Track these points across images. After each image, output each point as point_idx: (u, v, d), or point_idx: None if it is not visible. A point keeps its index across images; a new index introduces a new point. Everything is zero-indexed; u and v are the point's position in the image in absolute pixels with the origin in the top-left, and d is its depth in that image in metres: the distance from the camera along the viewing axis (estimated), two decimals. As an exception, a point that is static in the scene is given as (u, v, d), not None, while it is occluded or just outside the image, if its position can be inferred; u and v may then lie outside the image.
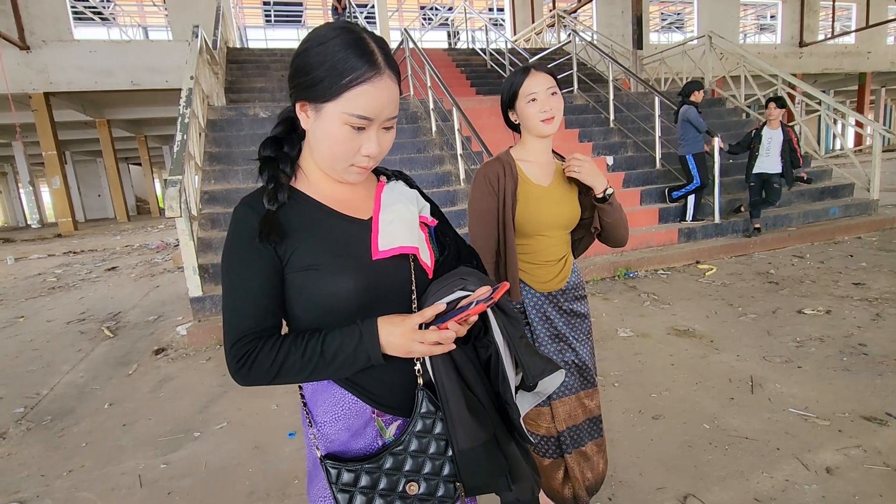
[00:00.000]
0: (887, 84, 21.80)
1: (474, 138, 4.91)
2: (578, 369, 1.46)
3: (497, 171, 1.37)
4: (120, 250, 8.73)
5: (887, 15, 16.50)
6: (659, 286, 4.25)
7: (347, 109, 0.69)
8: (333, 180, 0.81)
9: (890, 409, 2.14)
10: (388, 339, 0.73)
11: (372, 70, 0.69)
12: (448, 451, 0.78)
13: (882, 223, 5.77)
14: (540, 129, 1.34)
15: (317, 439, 0.80)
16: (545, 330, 1.43)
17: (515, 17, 14.32)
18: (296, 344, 0.73)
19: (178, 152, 3.85)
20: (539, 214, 1.37)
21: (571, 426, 1.46)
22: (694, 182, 5.39)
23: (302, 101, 0.73)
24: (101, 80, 10.13)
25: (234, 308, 0.74)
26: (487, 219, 1.37)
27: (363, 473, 0.75)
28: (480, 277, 0.81)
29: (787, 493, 1.68)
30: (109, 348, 3.66)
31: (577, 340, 1.46)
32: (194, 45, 5.25)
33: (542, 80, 1.32)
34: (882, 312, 3.24)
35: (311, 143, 0.77)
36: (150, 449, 2.27)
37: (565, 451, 1.46)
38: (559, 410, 1.44)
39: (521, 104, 1.34)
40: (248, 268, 0.74)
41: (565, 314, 1.45)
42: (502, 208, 1.36)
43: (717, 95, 8.17)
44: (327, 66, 0.69)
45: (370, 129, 0.72)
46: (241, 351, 0.73)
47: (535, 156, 1.41)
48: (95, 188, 21.59)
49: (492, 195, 1.36)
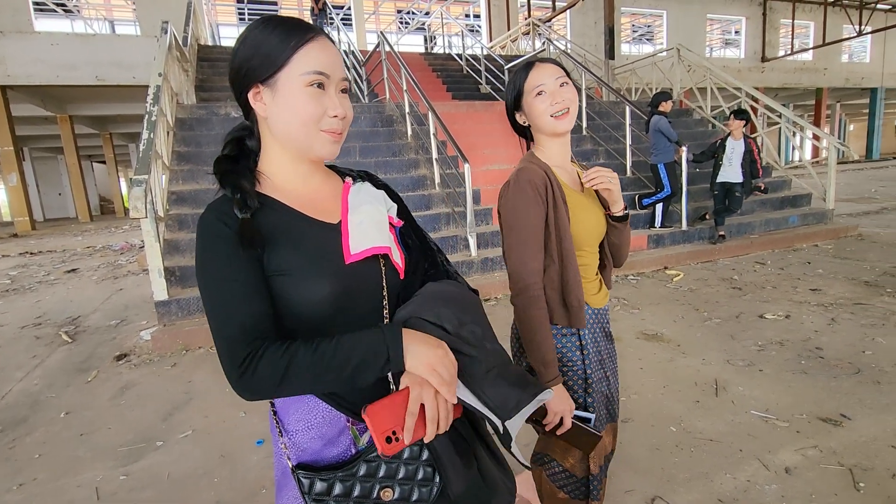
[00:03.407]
0: (842, 99, 23.01)
1: (450, 143, 4.92)
2: (607, 400, 1.26)
3: (541, 175, 1.15)
4: (81, 251, 8.38)
5: (842, 34, 17.41)
6: (629, 291, 4.34)
7: (303, 69, 0.71)
8: (299, 182, 0.79)
9: (844, 410, 2.23)
10: (418, 345, 0.71)
11: (309, 31, 0.72)
12: (423, 454, 0.77)
13: (837, 232, 6.06)
14: (553, 127, 1.16)
15: (288, 448, 0.78)
16: (596, 355, 1.24)
17: (491, 24, 14.48)
18: (305, 344, 0.68)
19: (145, 151, 3.73)
20: (587, 224, 1.21)
21: (602, 466, 1.26)
22: (665, 190, 5.54)
23: (254, 86, 0.74)
24: (63, 74, 9.74)
25: (225, 315, 0.69)
26: (536, 234, 1.14)
27: (337, 482, 0.74)
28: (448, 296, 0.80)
29: (748, 493, 1.74)
30: (67, 354, 3.50)
31: (610, 371, 1.28)
32: (163, 41, 5.11)
33: (549, 70, 1.15)
34: (837, 317, 3.40)
35: (276, 128, 0.75)
36: (108, 460, 2.17)
37: (593, 497, 1.24)
38: (598, 448, 1.23)
39: (528, 100, 1.16)
40: (232, 271, 0.70)
41: (606, 338, 1.28)
42: (554, 219, 1.15)
43: (685, 106, 8.44)
44: (270, 42, 0.71)
45: (329, 88, 0.73)
46: (242, 354, 0.67)
47: (558, 160, 1.23)
48: (56, 186, 20.72)
49: (540, 205, 1.14)
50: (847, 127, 28.84)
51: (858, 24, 15.21)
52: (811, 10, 18.05)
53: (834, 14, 17.32)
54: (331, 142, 0.75)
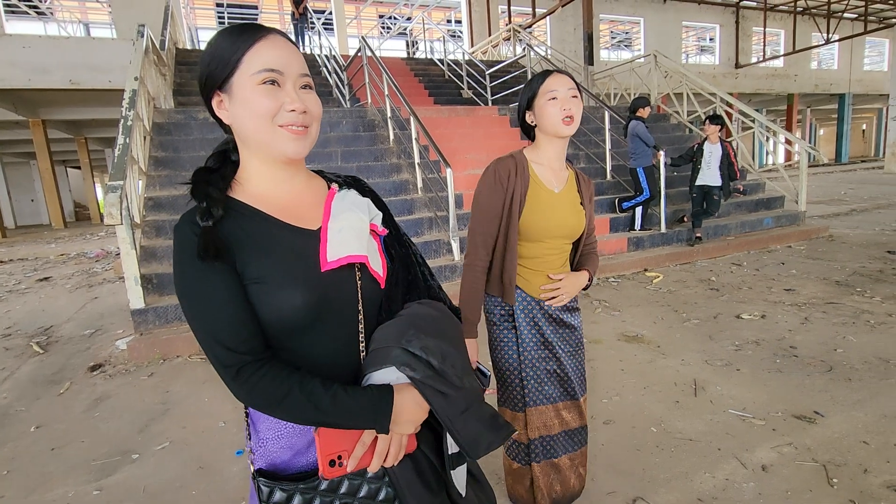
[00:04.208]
0: (812, 104, 23.74)
1: (432, 148, 4.93)
2: (559, 380, 1.44)
3: (509, 167, 1.32)
4: (54, 259, 8.15)
5: (811, 42, 18.01)
6: (610, 293, 4.40)
7: (252, 69, 0.71)
8: (276, 188, 0.78)
9: (818, 407, 2.29)
10: (409, 415, 0.74)
11: (259, 32, 0.72)
12: (385, 476, 0.77)
13: (809, 233, 6.23)
14: (559, 129, 1.31)
15: (254, 453, 0.78)
16: (532, 336, 1.41)
17: (473, 30, 14.57)
18: (303, 387, 0.70)
19: (120, 156, 3.65)
20: (546, 220, 1.34)
21: (545, 436, 1.43)
22: (644, 194, 5.64)
23: (215, 94, 0.74)
24: (35, 77, 9.47)
25: (206, 324, 0.70)
26: (490, 215, 1.32)
27: (297, 493, 0.73)
28: (431, 322, 0.80)
29: (727, 491, 1.77)
30: (38, 365, 3.39)
31: (562, 351, 1.43)
32: (139, 45, 5.02)
33: (564, 80, 1.31)
34: (810, 316, 3.49)
35: (239, 132, 0.75)
36: (81, 474, 2.10)
37: (533, 459, 1.43)
38: (533, 418, 1.41)
39: (541, 102, 1.31)
40: (207, 280, 0.70)
41: (554, 323, 1.42)
42: (508, 207, 1.31)
43: (662, 111, 8.61)
44: (220, 49, 0.72)
45: (286, 84, 0.72)
46: (235, 363, 0.69)
47: (549, 160, 1.38)
48: (28, 192, 20.13)
49: (499, 191, 1.31)
50: (817, 131, 29.75)
51: (826, 32, 15.73)
52: (782, 19, 18.67)
53: (803, 23, 17.89)
54: (291, 138, 0.73)
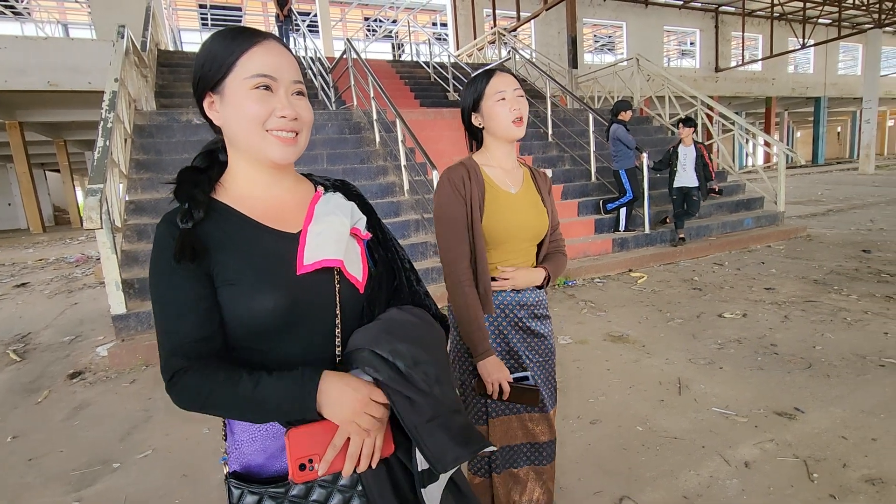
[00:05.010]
0: (789, 108, 24.31)
1: (418, 150, 4.93)
2: None
3: (462, 174, 1.28)
4: (32, 264, 7.96)
5: (788, 46, 18.44)
6: (595, 294, 4.44)
7: (246, 73, 0.71)
8: (260, 190, 0.78)
9: (798, 403, 2.34)
10: (337, 397, 0.69)
11: (255, 37, 0.73)
12: (358, 485, 0.75)
13: (788, 233, 6.37)
14: (510, 132, 1.27)
15: (229, 455, 0.78)
16: (495, 345, 1.35)
17: (458, 33, 14.63)
18: (228, 376, 0.68)
19: (100, 159, 3.58)
20: (507, 223, 1.30)
21: (505, 446, 1.37)
22: (627, 195, 5.71)
23: (207, 95, 0.74)
24: (11, 78, 9.24)
25: (163, 328, 0.71)
26: (459, 225, 1.27)
27: (267, 497, 0.72)
28: (408, 328, 0.78)
29: (711, 488, 1.79)
30: (15, 374, 3.31)
31: (531, 361, 1.36)
32: (119, 46, 4.93)
33: (509, 80, 1.27)
34: (790, 315, 3.56)
35: (228, 134, 0.76)
36: (59, 485, 2.06)
37: (494, 469, 1.37)
38: (496, 429, 1.35)
39: (489, 104, 1.26)
40: (173, 285, 0.71)
41: (522, 331, 1.37)
42: (470, 214, 1.27)
43: (645, 114, 8.73)
44: (215, 51, 0.73)
45: (278, 90, 0.73)
46: (171, 369, 0.70)
47: (500, 161, 1.34)
48: (5, 196, 19.64)
49: (458, 200, 1.27)
50: (794, 134, 30.43)
51: (802, 37, 16.12)
52: (760, 24, 19.12)
53: (780, 28, 18.33)
54: (279, 144, 0.73)
